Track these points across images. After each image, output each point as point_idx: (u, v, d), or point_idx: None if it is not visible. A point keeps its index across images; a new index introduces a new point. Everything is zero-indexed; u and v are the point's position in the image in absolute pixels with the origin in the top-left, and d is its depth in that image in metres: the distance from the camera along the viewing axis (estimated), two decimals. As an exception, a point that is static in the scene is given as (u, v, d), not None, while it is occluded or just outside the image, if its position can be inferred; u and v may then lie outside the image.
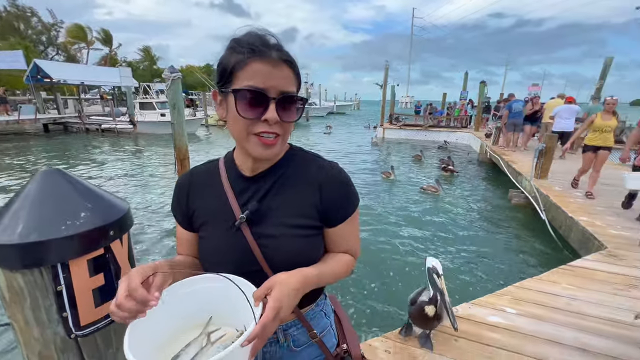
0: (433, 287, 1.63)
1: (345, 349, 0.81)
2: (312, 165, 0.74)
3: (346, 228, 0.74)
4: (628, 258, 2.90)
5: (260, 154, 0.65)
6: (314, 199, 0.70)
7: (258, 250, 0.67)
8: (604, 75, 12.09)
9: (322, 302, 0.82)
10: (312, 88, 42.53)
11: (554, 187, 5.21)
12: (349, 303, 3.14)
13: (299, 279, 0.61)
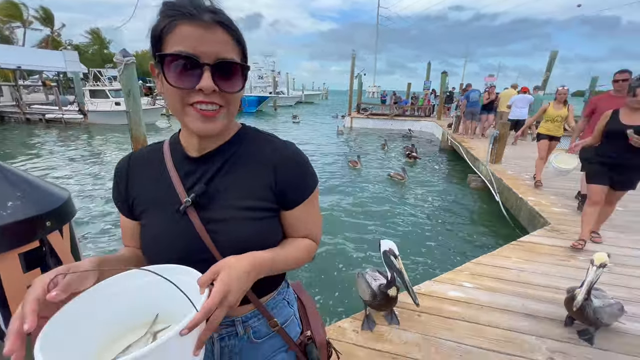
0: (391, 269, 1.66)
1: (308, 336, 0.79)
2: (266, 144, 0.70)
3: (304, 211, 0.71)
4: (568, 232, 3.23)
5: (200, 128, 0.58)
6: (268, 180, 0.66)
7: (207, 236, 0.62)
8: (550, 67, 13.16)
9: (284, 290, 0.79)
10: (279, 77, 41.66)
11: (506, 171, 5.62)
12: (316, 289, 3.19)
13: (250, 262, 0.57)
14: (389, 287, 1.70)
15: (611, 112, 2.70)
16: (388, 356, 1.65)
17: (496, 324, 1.92)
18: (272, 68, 43.19)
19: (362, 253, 3.91)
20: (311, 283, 3.28)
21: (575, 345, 1.76)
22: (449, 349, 1.71)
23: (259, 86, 39.60)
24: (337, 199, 5.86)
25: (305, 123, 19.03)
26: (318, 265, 3.63)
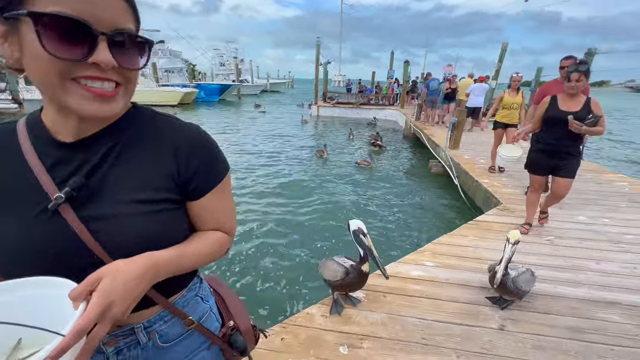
0: (361, 247, 1.73)
1: (232, 326, 0.75)
2: (165, 126, 0.60)
3: (214, 200, 0.63)
4: (517, 210, 3.51)
5: (94, 110, 0.47)
6: (169, 168, 0.57)
7: (89, 237, 0.50)
8: (502, 58, 14.02)
9: (197, 286, 0.71)
10: (242, 64, 40.10)
11: (464, 156, 5.95)
12: (285, 276, 3.18)
13: (144, 264, 0.49)
14: (362, 263, 1.74)
15: (549, 98, 2.68)
16: (355, 337, 1.69)
17: (455, 298, 2.05)
18: (235, 55, 41.37)
19: (330, 241, 3.95)
20: (273, 272, 3.26)
21: (522, 312, 1.93)
22: (413, 326, 1.80)
23: (221, 74, 37.87)
24: (305, 188, 5.85)
25: (270, 113, 18.62)
26: (282, 254, 3.61)
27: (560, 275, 2.34)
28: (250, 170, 6.98)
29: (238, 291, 2.98)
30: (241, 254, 3.60)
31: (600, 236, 2.97)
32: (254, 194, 5.56)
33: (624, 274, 2.39)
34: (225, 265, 3.38)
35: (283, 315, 2.66)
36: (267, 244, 3.86)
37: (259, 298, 2.89)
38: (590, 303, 2.04)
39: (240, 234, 4.09)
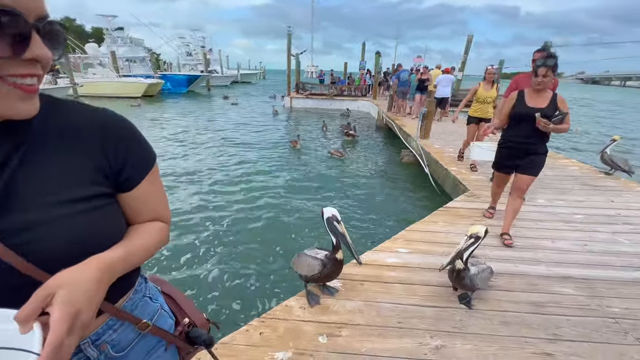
0: (335, 234, 1.73)
1: (187, 323, 0.74)
2: (82, 114, 0.54)
3: (148, 188, 0.60)
4: (482, 196, 3.71)
5: (21, 110, 0.43)
6: (94, 159, 0.52)
7: (10, 253, 0.43)
8: (467, 50, 14.58)
9: (143, 286, 0.67)
10: (211, 54, 38.44)
11: (434, 145, 6.16)
12: (260, 272, 3.16)
13: (96, 266, 0.46)
14: (336, 251, 1.75)
15: (516, 94, 2.58)
16: (334, 326, 1.72)
17: (428, 282, 2.13)
18: (202, 44, 39.52)
19: (302, 230, 3.96)
20: (243, 264, 3.23)
21: (488, 291, 2.05)
22: (389, 311, 1.85)
23: (188, 64, 36.10)
24: (279, 179, 5.79)
25: (241, 105, 18.11)
26: (252, 246, 3.58)
27: (521, 254, 2.51)
28: (221, 162, 6.79)
29: (209, 286, 2.92)
30: (210, 247, 3.52)
31: (555, 217, 3.22)
32: (223, 184, 5.42)
33: (576, 250, 2.61)
34: (192, 259, 3.29)
35: (255, 310, 2.64)
36: (236, 235, 3.79)
37: (230, 292, 2.85)
38: (548, 279, 2.21)
39: (209, 225, 3.98)
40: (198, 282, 3.00)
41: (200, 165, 6.60)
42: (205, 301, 2.74)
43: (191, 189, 5.32)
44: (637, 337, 1.72)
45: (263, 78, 57.18)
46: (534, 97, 2.49)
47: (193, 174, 6.07)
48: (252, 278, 3.07)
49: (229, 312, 2.63)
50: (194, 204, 4.72)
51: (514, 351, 1.60)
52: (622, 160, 4.60)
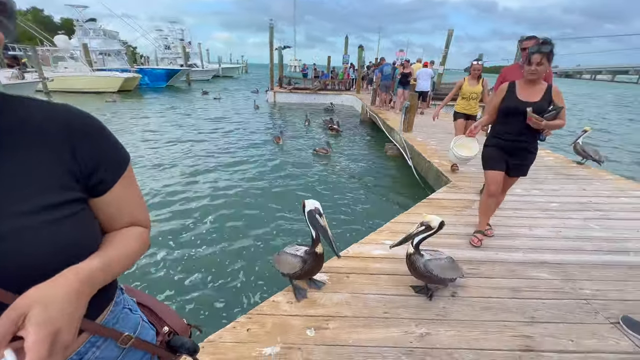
0: (315, 228, 1.71)
1: (168, 331, 0.71)
2: (40, 110, 0.48)
3: (122, 192, 0.56)
4: (464, 187, 3.81)
5: None
6: (62, 161, 0.48)
7: None
8: (448, 44, 14.79)
9: (121, 298, 0.64)
10: (190, 47, 37.28)
11: (417, 138, 6.26)
12: (244, 270, 3.13)
13: (77, 277, 0.43)
14: (315, 245, 1.75)
15: (507, 85, 2.29)
16: (321, 319, 1.73)
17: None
18: (181, 37, 38.23)
19: (286, 227, 3.95)
20: (227, 263, 3.20)
21: (470, 279, 2.12)
22: (375, 302, 1.88)
23: (166, 57, 34.87)
24: (262, 176, 5.74)
25: (223, 100, 17.74)
26: (235, 244, 3.55)
27: (501, 242, 2.60)
28: (203, 159, 6.64)
29: (190, 285, 2.87)
30: (191, 246, 3.45)
31: (532, 205, 3.35)
32: (206, 182, 5.31)
33: (551, 237, 2.73)
34: (173, 259, 3.22)
35: (240, 306, 2.63)
36: (219, 233, 3.74)
37: (213, 292, 2.82)
38: (525, 265, 2.30)
39: (192, 225, 3.91)
40: (178, 281, 2.94)
41: (179, 162, 6.43)
42: (186, 301, 2.70)
43: (169, 186, 5.19)
44: (607, 316, 1.82)
45: (245, 72, 56.13)
46: (526, 89, 2.20)
47: (172, 170, 5.91)
48: (235, 275, 3.04)
49: (212, 311, 2.60)
50: (171, 201, 4.61)
51: (494, 335, 1.67)
52: (593, 150, 4.83)
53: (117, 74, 19.21)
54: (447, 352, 1.55)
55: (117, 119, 10.98)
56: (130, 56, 28.62)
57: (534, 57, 2.06)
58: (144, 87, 23.49)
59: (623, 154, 8.60)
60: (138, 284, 2.88)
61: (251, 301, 2.69)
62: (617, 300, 1.95)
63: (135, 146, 7.56)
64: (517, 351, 1.58)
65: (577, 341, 1.65)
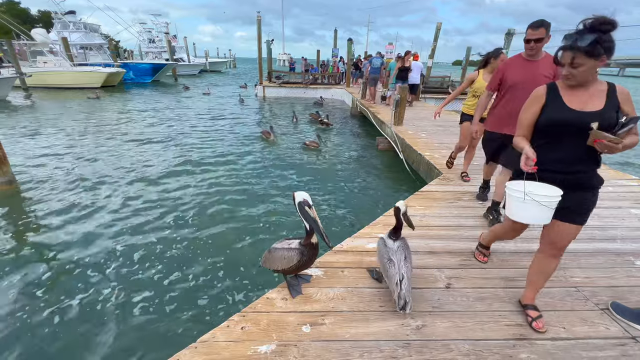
0: (306, 219, 1.70)
1: None
2: None
3: None
4: (455, 179, 3.83)
5: None
6: None
7: None
8: (436, 37, 14.83)
9: None
10: (175, 41, 36.35)
11: (408, 131, 6.27)
12: (226, 264, 3.09)
13: None
14: (310, 236, 1.73)
15: (545, 90, 1.52)
16: (317, 315, 1.71)
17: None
18: (166, 30, 37.17)
19: (278, 223, 3.91)
20: (215, 261, 3.15)
21: (464, 270, 2.13)
22: (371, 295, 1.87)
23: (151, 51, 33.90)
24: (251, 172, 5.66)
25: (214, 94, 17.40)
26: (224, 241, 3.49)
27: (493, 233, 2.62)
28: (192, 154, 6.51)
29: (177, 284, 2.81)
30: (172, 243, 3.39)
31: (522, 196, 3.39)
32: (194, 178, 5.21)
33: (540, 226, 2.76)
34: (158, 258, 3.15)
35: (225, 303, 2.59)
36: (208, 229, 3.68)
37: (196, 289, 2.77)
38: (517, 254, 2.33)
39: (178, 221, 3.83)
40: (165, 280, 2.88)
41: (165, 157, 6.28)
42: (175, 299, 2.64)
43: (154, 184, 5.06)
44: (596, 302, 1.86)
45: (234, 67, 55.16)
46: (575, 93, 1.46)
47: (159, 166, 5.77)
48: (222, 271, 2.99)
49: (201, 310, 2.56)
50: (154, 199, 4.50)
51: (489, 325, 1.68)
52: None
53: (100, 69, 18.60)
54: (444, 344, 1.56)
55: (99, 115, 10.64)
56: (114, 50, 27.71)
57: (566, 54, 1.37)
58: (128, 83, 22.83)
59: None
60: (115, 284, 2.80)
61: (236, 300, 2.65)
62: (605, 287, 2.00)
63: (121, 144, 7.34)
64: (511, 340, 1.59)
65: (568, 328, 1.68)
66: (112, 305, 2.57)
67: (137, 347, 2.21)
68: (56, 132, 8.21)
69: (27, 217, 3.97)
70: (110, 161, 6.06)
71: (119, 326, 2.37)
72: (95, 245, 3.39)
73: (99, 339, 2.27)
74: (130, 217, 3.99)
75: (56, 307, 2.54)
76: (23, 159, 6.03)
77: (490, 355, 1.50)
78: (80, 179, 5.14)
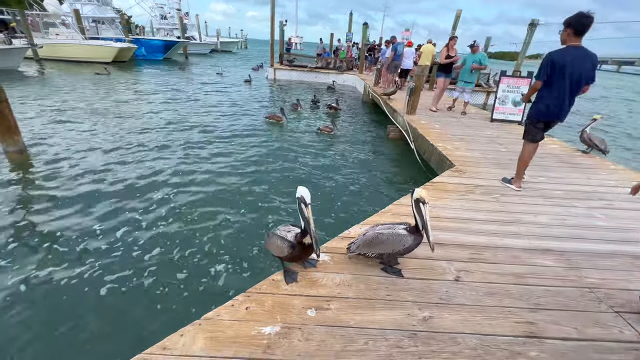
0: (302, 217, 1.63)
1: None
2: None
3: None
4: (468, 171, 3.73)
5: None
6: None
7: None
8: (455, 26, 14.27)
9: None
10: (187, 18, 35.72)
11: (421, 121, 6.11)
12: (231, 247, 3.09)
13: None
14: (304, 236, 1.66)
15: None
16: (322, 300, 1.68)
17: (415, 255, 2.12)
18: (178, 7, 36.52)
19: (284, 209, 3.88)
20: (225, 242, 3.15)
21: (475, 264, 2.08)
22: (377, 283, 1.84)
23: (162, 28, 33.44)
24: (262, 156, 5.61)
25: (226, 75, 17.20)
26: (232, 226, 3.49)
27: (505, 228, 2.55)
28: (204, 137, 6.47)
29: (183, 262, 2.82)
30: (187, 225, 3.39)
31: (537, 192, 3.29)
32: (205, 162, 5.19)
33: (555, 224, 2.69)
34: (172, 240, 3.16)
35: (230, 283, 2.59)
36: (217, 213, 3.67)
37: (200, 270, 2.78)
38: (529, 251, 2.26)
39: (186, 204, 3.83)
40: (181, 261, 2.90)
41: (182, 138, 6.26)
42: (180, 277, 2.66)
43: (162, 162, 5.06)
44: (611, 305, 1.80)
45: (245, 47, 54.34)
46: None
47: (171, 149, 5.76)
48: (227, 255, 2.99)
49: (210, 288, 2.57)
50: (162, 178, 4.50)
51: (498, 320, 1.64)
52: (600, 140, 4.74)
53: (112, 44, 18.45)
54: (451, 337, 1.52)
55: (108, 93, 10.62)
56: (125, 25, 27.41)
57: None
58: (140, 59, 22.67)
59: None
60: (119, 260, 2.82)
61: (243, 278, 2.66)
62: (621, 290, 1.93)
63: (130, 122, 7.33)
64: (521, 337, 1.55)
65: (580, 329, 1.63)
66: (118, 281, 2.60)
67: (142, 321, 2.23)
68: (67, 104, 8.23)
69: (36, 185, 4.01)
70: (123, 136, 6.06)
71: (125, 302, 2.40)
72: (100, 219, 3.41)
73: (104, 312, 2.30)
74: (138, 194, 4.00)
75: (63, 281, 2.57)
76: (35, 129, 6.07)
77: (498, 351, 1.47)
78: (91, 149, 5.16)
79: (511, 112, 6.58)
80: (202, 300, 2.41)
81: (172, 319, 2.21)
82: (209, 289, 2.56)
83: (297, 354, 1.38)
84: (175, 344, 1.38)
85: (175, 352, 1.35)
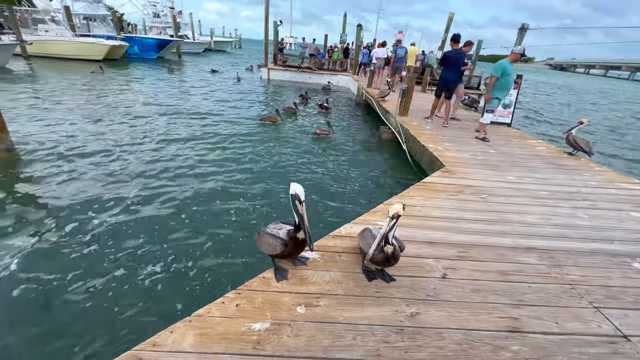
0: (296, 214, 1.65)
1: None
2: None
3: None
4: (457, 172, 3.80)
5: None
6: None
7: None
8: (448, 28, 14.49)
9: None
10: (181, 17, 35.38)
11: (412, 122, 6.19)
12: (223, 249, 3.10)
13: None
14: (297, 231, 1.69)
15: None
16: (312, 297, 1.71)
17: (404, 253, 2.15)
18: (171, 5, 36.18)
19: (275, 212, 3.90)
20: (216, 244, 3.16)
21: (461, 261, 2.13)
22: (367, 281, 1.87)
23: (155, 26, 33.07)
24: (254, 156, 5.62)
25: (221, 74, 17.11)
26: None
27: (491, 227, 2.61)
28: (195, 136, 6.45)
29: (173, 259, 2.82)
30: (177, 223, 3.39)
31: (523, 193, 3.38)
32: (196, 162, 5.17)
33: (540, 224, 2.76)
34: (159, 232, 3.16)
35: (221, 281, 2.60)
36: (210, 212, 3.67)
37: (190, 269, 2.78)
38: (514, 250, 2.33)
39: (178, 202, 3.82)
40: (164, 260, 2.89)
41: (169, 133, 6.22)
42: (172, 279, 2.66)
43: (156, 159, 5.03)
44: (591, 300, 1.87)
45: (239, 47, 54.07)
46: None
47: (161, 141, 5.72)
48: (220, 255, 3.00)
49: (197, 286, 2.58)
50: (155, 173, 4.48)
51: (483, 316, 1.69)
52: (585, 142, 4.87)
53: (103, 41, 18.19)
54: (437, 332, 1.56)
55: (100, 90, 10.48)
56: (117, 23, 27.04)
57: None
58: (132, 57, 22.40)
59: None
60: (113, 256, 2.81)
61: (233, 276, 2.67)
62: (600, 286, 2.00)
63: (121, 118, 7.26)
64: (504, 332, 1.60)
65: (561, 324, 1.68)
66: (108, 278, 2.58)
67: (132, 318, 2.23)
68: (57, 103, 8.10)
69: (23, 184, 3.95)
70: (111, 135, 6.00)
71: (115, 299, 2.39)
72: (93, 215, 3.39)
73: (95, 309, 2.29)
74: (128, 193, 3.98)
75: (52, 277, 2.55)
76: (23, 127, 5.96)
77: (482, 345, 1.51)
78: (79, 149, 5.09)
79: (501, 115, 6.71)
80: (193, 298, 2.42)
81: (163, 316, 2.21)
82: (200, 286, 2.56)
83: (287, 350, 1.41)
84: (165, 341, 1.39)
85: (165, 348, 1.36)
